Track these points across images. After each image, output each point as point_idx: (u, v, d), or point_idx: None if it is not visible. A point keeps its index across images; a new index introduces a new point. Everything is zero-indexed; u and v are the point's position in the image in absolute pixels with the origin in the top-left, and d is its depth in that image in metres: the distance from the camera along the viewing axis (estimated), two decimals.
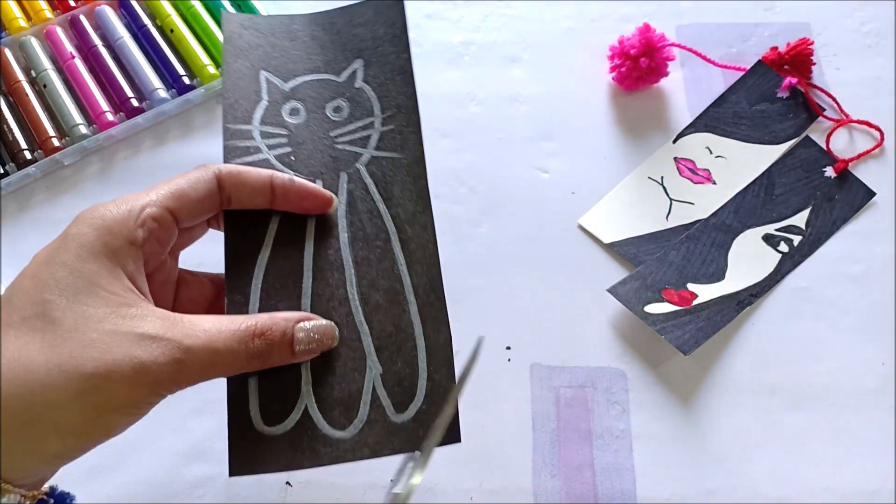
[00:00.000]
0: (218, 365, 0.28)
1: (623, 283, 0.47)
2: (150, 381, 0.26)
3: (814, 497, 0.42)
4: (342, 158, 0.36)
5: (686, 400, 0.45)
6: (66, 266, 0.27)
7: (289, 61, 0.38)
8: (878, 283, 0.48)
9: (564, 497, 0.42)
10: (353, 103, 0.37)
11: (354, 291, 0.33)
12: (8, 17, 0.58)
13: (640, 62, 0.53)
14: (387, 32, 0.39)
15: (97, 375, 0.25)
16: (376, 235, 0.34)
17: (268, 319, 0.29)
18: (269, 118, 0.37)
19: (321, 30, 0.39)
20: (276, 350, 0.29)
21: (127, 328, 0.27)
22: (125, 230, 0.29)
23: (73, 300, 0.27)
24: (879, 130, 0.53)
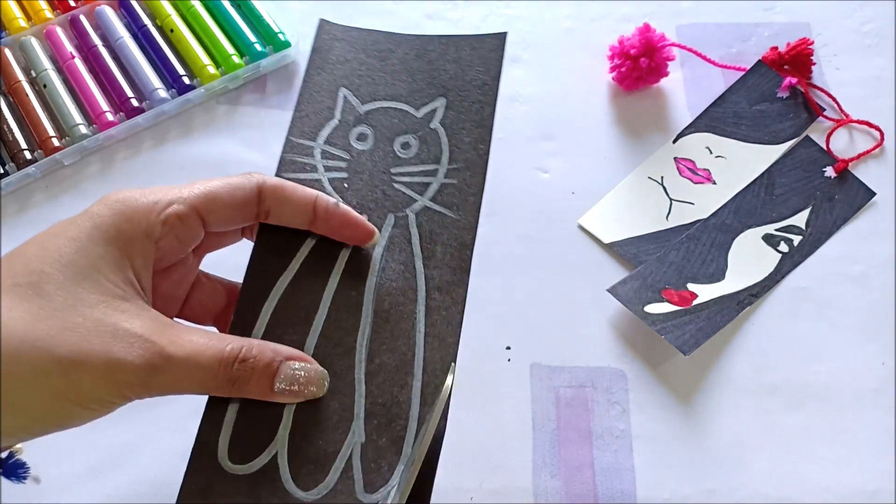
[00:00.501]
0: (193, 381, 0.27)
1: (623, 283, 0.47)
2: (119, 379, 0.25)
3: (814, 497, 0.42)
4: (395, 199, 0.34)
5: (686, 400, 0.45)
6: (74, 242, 0.27)
7: (373, 82, 0.36)
8: (878, 283, 0.48)
9: (564, 497, 0.42)
10: (424, 143, 0.35)
11: (364, 344, 0.31)
12: (8, 17, 0.58)
13: (640, 62, 0.53)
14: (477, 77, 0.36)
15: (67, 360, 0.25)
16: (404, 292, 0.32)
17: (257, 347, 0.28)
18: (336, 138, 0.35)
19: (414, 55, 0.37)
20: (255, 381, 0.28)
21: (113, 321, 0.26)
22: (144, 221, 0.28)
23: (70, 279, 0.26)
24: (879, 130, 0.53)
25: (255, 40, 0.56)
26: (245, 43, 0.56)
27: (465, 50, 0.37)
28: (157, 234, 0.28)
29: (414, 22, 0.60)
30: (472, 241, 0.33)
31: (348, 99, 0.36)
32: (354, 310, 0.31)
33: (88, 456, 0.43)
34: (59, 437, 0.46)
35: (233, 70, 0.55)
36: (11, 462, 0.29)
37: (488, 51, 0.37)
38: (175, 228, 0.29)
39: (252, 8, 0.58)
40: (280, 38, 0.57)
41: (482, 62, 0.37)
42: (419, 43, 0.37)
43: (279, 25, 0.57)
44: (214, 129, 0.55)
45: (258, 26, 0.57)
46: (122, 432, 0.44)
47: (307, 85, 0.36)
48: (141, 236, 0.28)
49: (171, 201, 0.29)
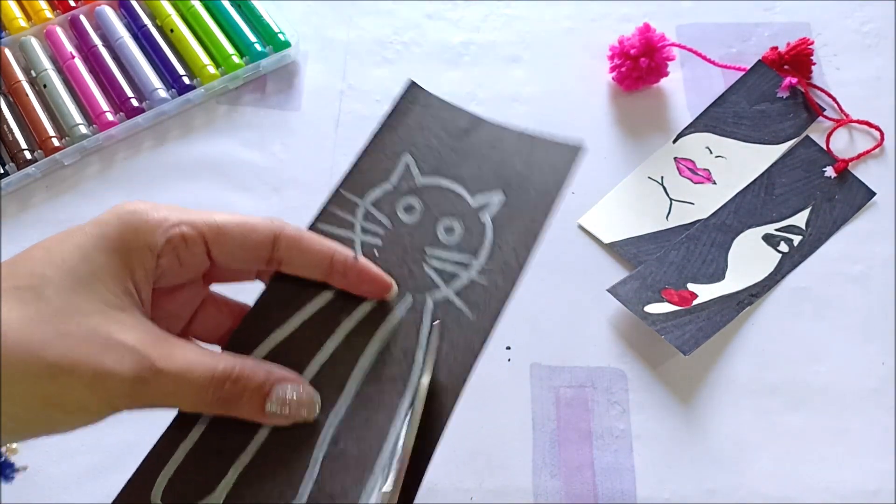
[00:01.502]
0: (181, 397, 0.27)
1: (623, 283, 0.47)
2: (107, 389, 0.25)
3: (814, 497, 0.42)
4: (419, 280, 0.32)
5: (686, 400, 0.45)
6: (79, 249, 0.27)
7: (440, 157, 0.35)
8: (878, 283, 0.48)
9: (564, 497, 0.42)
10: (468, 233, 0.33)
11: (334, 423, 0.29)
12: (8, 17, 0.58)
13: (640, 62, 0.53)
14: (542, 182, 0.34)
15: (57, 367, 0.24)
16: (393, 381, 0.30)
17: (250, 366, 0.28)
18: (383, 203, 0.34)
19: (489, 142, 0.35)
20: (246, 401, 0.27)
21: (106, 331, 0.26)
22: (149, 235, 0.28)
23: (69, 286, 0.26)
24: (879, 130, 0.53)
25: (255, 40, 0.56)
26: (245, 43, 0.56)
27: (539, 151, 0.35)
28: (158, 250, 0.28)
29: (413, 21, 0.60)
30: (480, 349, 0.31)
31: (410, 167, 0.35)
32: (337, 385, 0.29)
33: (88, 456, 0.43)
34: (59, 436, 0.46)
35: (233, 70, 0.55)
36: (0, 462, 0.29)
37: (561, 159, 0.35)
38: (178, 249, 0.28)
39: (252, 8, 0.58)
40: (280, 38, 0.57)
41: (552, 169, 0.35)
42: (498, 132, 0.36)
43: (279, 25, 0.57)
44: (214, 129, 0.55)
45: (258, 26, 0.57)
46: (122, 432, 0.44)
47: (374, 141, 0.35)
48: (143, 248, 0.28)
49: (181, 222, 0.28)
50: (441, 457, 0.44)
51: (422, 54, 0.58)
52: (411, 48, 0.59)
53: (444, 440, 0.44)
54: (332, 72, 0.57)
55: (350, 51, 0.58)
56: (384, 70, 0.57)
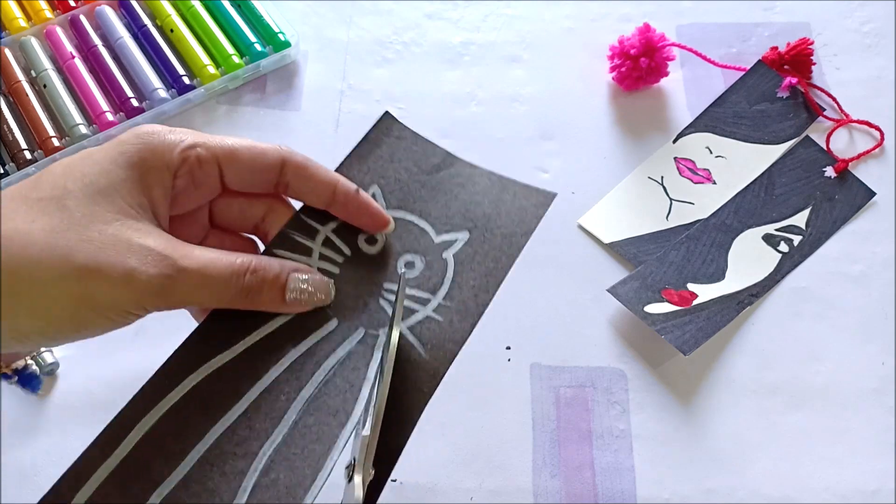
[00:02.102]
0: (207, 291, 0.28)
1: (623, 283, 0.47)
2: (136, 288, 0.26)
3: (814, 497, 0.42)
4: (373, 314, 0.32)
5: (686, 400, 0.45)
6: (97, 164, 0.28)
7: (408, 191, 0.34)
8: (878, 283, 0.48)
9: (564, 497, 0.42)
10: (428, 269, 0.33)
11: (268, 453, 0.28)
12: (8, 17, 0.58)
13: (640, 62, 0.53)
14: (509, 227, 0.34)
15: (86, 268, 0.26)
16: (335, 414, 0.29)
17: (265, 260, 0.29)
18: (345, 231, 0.33)
19: (460, 181, 0.35)
20: (267, 289, 0.29)
21: (128, 236, 0.27)
22: (167, 154, 0.29)
23: (90, 196, 0.27)
24: (879, 130, 0.53)
25: (255, 40, 0.56)
26: (245, 43, 0.56)
27: (509, 195, 0.35)
28: (175, 169, 0.29)
29: (413, 21, 0.60)
30: (429, 392, 0.30)
31: (376, 198, 0.34)
32: (275, 416, 0.29)
33: None
34: (59, 436, 0.46)
35: (233, 70, 0.55)
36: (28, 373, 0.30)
37: (532, 205, 0.34)
38: (193, 170, 0.30)
39: (252, 8, 0.58)
40: (280, 37, 0.57)
41: (520, 214, 0.34)
42: (469, 170, 0.35)
43: (279, 25, 0.57)
44: (214, 129, 0.55)
45: (258, 26, 0.57)
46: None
47: (343, 168, 0.34)
48: (161, 167, 0.29)
49: (196, 144, 0.30)
50: (441, 457, 0.44)
51: (422, 54, 0.58)
52: (411, 48, 0.59)
53: (444, 440, 0.44)
54: (332, 72, 0.57)
55: (350, 51, 0.58)
56: (384, 70, 0.57)
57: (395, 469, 0.42)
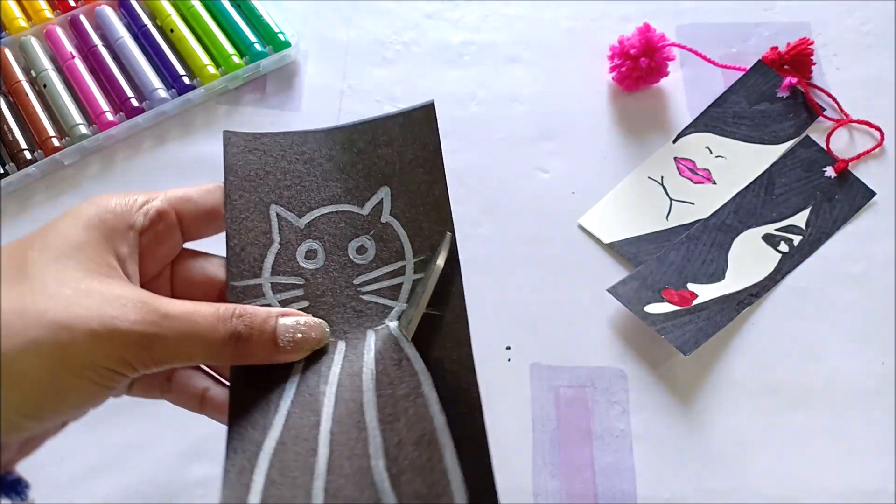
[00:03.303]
0: (193, 339, 0.26)
1: (623, 282, 0.47)
2: (117, 340, 0.24)
3: (814, 497, 0.42)
4: (368, 313, 0.30)
5: (686, 400, 0.45)
6: (57, 230, 0.27)
7: (303, 190, 0.32)
8: (878, 283, 0.48)
9: (564, 497, 0.42)
10: (380, 242, 0.32)
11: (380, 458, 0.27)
12: (8, 17, 0.58)
13: (640, 62, 0.53)
14: (416, 156, 0.33)
15: (58, 324, 0.24)
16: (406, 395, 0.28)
17: (249, 307, 0.28)
18: (282, 265, 0.31)
19: (340, 149, 0.33)
20: (257, 336, 0.27)
21: (102, 288, 0.25)
22: (126, 213, 0.29)
23: (55, 259, 0.26)
24: (879, 130, 0.53)
25: (254, 40, 0.56)
26: (245, 43, 0.56)
27: (395, 130, 0.33)
28: (139, 226, 0.29)
29: (413, 21, 0.60)
30: (467, 335, 0.30)
31: (282, 216, 0.32)
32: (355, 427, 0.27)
33: (88, 456, 0.43)
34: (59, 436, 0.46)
35: (233, 70, 0.55)
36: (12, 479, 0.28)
37: (419, 125, 0.33)
38: (155, 224, 0.29)
39: (252, 8, 0.58)
40: (280, 37, 0.57)
41: (415, 138, 0.33)
42: (342, 135, 0.34)
43: (279, 25, 0.57)
44: (214, 129, 0.55)
45: (258, 26, 0.57)
46: (122, 432, 0.44)
47: (231, 213, 0.32)
48: (124, 227, 0.28)
49: (151, 198, 0.30)
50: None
51: (422, 54, 0.58)
52: (411, 48, 0.59)
53: None
54: (332, 72, 0.57)
55: (350, 51, 0.58)
56: (384, 70, 0.57)
57: None
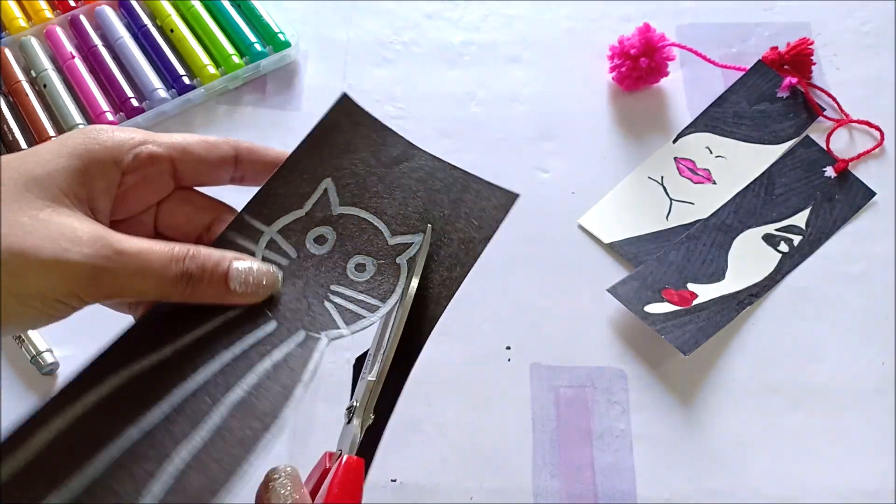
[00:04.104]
0: (144, 276, 0.26)
1: (623, 282, 0.47)
2: (67, 273, 0.25)
3: (814, 497, 0.42)
4: (317, 317, 0.30)
5: (686, 400, 0.45)
6: (37, 155, 0.27)
7: (363, 186, 0.32)
8: (878, 283, 0.48)
9: (564, 497, 0.42)
10: (380, 274, 0.31)
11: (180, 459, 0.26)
12: (8, 17, 0.58)
13: (640, 62, 0.53)
14: (467, 230, 0.32)
15: (11, 252, 0.24)
16: (261, 420, 0.27)
17: (204, 248, 0.28)
18: (292, 232, 0.31)
19: (420, 175, 0.32)
20: (208, 277, 0.27)
21: (60, 221, 0.25)
22: (116, 148, 0.28)
23: (23, 184, 0.26)
24: (879, 130, 0.53)
25: (255, 40, 0.56)
26: (245, 43, 0.56)
27: (471, 194, 0.32)
28: (124, 166, 0.28)
29: (413, 21, 0.60)
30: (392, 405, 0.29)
31: (330, 193, 0.32)
32: (197, 418, 0.27)
33: None
34: None
35: (233, 70, 0.55)
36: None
37: (493, 206, 0.32)
38: (145, 166, 0.29)
39: (252, 8, 0.58)
40: (280, 37, 0.57)
41: (480, 216, 0.32)
42: (432, 165, 0.33)
43: (279, 25, 0.57)
44: (214, 129, 0.55)
45: (258, 26, 0.57)
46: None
47: (293, 161, 0.31)
48: (108, 161, 0.28)
49: (147, 140, 0.29)
50: (441, 457, 0.44)
51: (422, 54, 0.58)
52: (411, 48, 0.59)
53: (444, 440, 0.44)
54: (332, 72, 0.57)
55: (350, 51, 0.58)
56: (384, 70, 0.57)
57: (395, 469, 0.42)
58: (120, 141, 0.28)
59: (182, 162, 0.29)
